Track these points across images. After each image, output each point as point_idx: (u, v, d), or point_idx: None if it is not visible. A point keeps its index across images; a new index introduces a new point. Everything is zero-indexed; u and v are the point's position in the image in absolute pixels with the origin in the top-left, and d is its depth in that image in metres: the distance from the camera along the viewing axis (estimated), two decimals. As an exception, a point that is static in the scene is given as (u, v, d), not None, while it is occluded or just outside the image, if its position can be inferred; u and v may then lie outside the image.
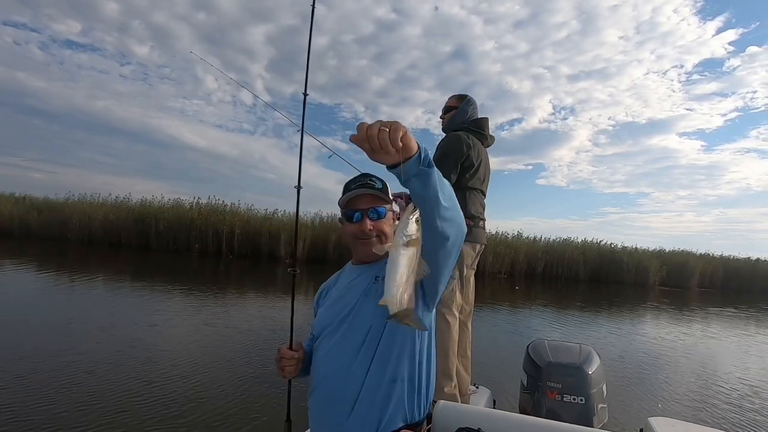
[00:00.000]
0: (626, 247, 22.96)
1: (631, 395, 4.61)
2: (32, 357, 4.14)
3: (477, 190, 2.42)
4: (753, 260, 25.50)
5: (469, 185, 2.37)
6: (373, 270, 1.19)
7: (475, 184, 2.40)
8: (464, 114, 2.49)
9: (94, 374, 3.84)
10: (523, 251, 20.10)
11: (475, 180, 2.39)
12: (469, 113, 2.50)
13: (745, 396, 4.94)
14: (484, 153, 2.49)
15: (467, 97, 2.53)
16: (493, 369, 4.99)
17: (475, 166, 2.38)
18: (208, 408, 3.37)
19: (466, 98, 2.53)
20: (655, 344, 7.51)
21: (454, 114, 2.51)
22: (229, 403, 3.50)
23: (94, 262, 12.92)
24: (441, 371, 2.23)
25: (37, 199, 20.95)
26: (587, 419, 2.07)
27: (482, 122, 2.52)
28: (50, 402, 3.23)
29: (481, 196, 2.47)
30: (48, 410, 3.09)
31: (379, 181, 1.22)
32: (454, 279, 2.30)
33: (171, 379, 3.87)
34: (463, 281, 2.39)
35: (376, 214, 1.19)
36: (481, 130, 2.49)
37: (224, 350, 5.01)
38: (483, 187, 2.47)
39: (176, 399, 3.46)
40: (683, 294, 19.21)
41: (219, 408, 3.39)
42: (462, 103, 2.51)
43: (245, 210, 18.67)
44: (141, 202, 19.27)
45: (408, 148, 0.74)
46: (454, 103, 2.54)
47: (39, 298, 7.06)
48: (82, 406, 3.21)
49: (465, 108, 2.50)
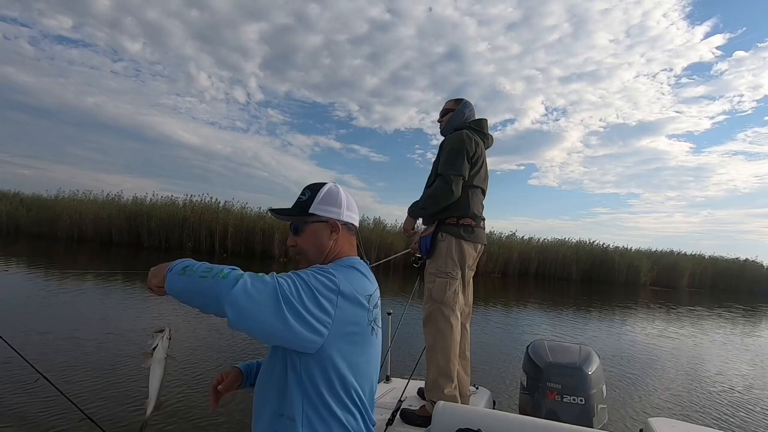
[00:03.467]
0: (618, 248, 23.23)
1: (631, 395, 4.64)
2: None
3: (479, 189, 2.41)
4: (741, 261, 25.94)
5: (473, 183, 2.36)
6: None
7: (478, 182, 2.39)
8: (461, 115, 2.51)
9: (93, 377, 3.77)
10: (517, 251, 20.21)
11: (478, 178, 2.38)
12: (466, 114, 2.52)
13: (745, 395, 4.99)
14: (485, 153, 2.49)
15: (464, 100, 2.57)
16: (486, 367, 4.99)
17: (479, 164, 2.37)
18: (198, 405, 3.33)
19: (463, 101, 2.56)
20: (654, 344, 7.58)
21: (451, 116, 2.53)
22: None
23: (84, 259, 12.74)
24: (441, 372, 2.22)
25: (26, 196, 20.64)
26: (587, 420, 2.06)
27: (482, 122, 2.54)
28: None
29: (481, 196, 2.46)
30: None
31: (308, 191, 1.15)
32: (456, 279, 2.28)
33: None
34: (465, 282, 2.37)
35: (294, 229, 1.16)
36: (482, 129, 2.50)
37: (218, 346, 4.96)
38: (484, 185, 2.46)
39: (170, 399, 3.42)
40: (674, 294, 19.45)
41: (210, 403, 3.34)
42: (459, 105, 2.54)
43: (239, 208, 18.58)
44: (133, 199, 19.06)
45: (161, 283, 0.92)
46: (452, 106, 2.56)
47: (31, 296, 6.94)
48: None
49: (462, 110, 2.52)
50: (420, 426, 2.11)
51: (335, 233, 1.13)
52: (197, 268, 0.90)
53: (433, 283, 2.31)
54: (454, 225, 2.31)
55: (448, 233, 2.32)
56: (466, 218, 2.32)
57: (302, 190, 1.18)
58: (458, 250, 2.29)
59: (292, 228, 1.16)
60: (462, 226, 2.31)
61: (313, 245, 1.12)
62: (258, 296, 0.84)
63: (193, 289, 0.88)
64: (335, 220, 1.13)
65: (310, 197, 1.14)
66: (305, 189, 1.17)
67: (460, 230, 2.30)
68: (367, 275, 1.09)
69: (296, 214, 1.14)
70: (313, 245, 1.12)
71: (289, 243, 1.17)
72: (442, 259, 2.30)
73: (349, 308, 0.96)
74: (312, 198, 1.13)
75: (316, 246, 1.12)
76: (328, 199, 1.14)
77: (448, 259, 2.29)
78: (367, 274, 1.09)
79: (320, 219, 1.12)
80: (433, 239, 2.35)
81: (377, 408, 2.25)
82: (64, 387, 3.25)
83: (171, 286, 0.91)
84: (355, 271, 1.06)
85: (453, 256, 2.29)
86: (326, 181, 1.19)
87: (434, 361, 2.25)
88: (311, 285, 0.91)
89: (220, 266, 0.90)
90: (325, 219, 1.12)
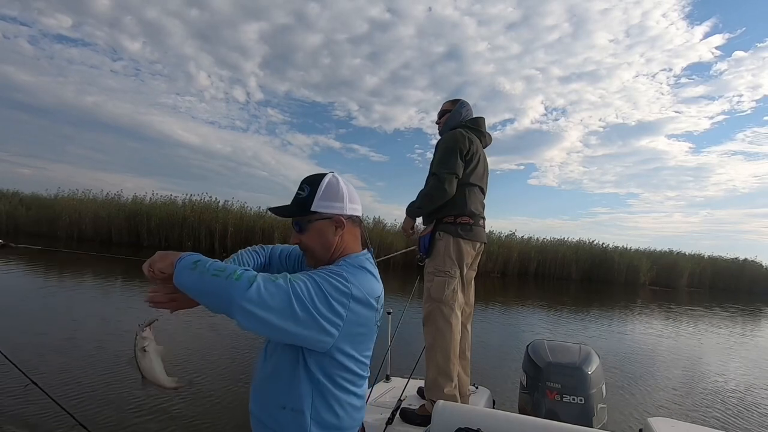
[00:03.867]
0: (617, 247, 23.22)
1: (631, 395, 4.64)
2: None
3: (476, 186, 2.41)
4: (741, 261, 25.94)
5: (470, 181, 2.36)
6: None
7: (475, 179, 2.39)
8: (458, 115, 2.53)
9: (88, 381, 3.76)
10: (516, 250, 20.21)
11: (475, 176, 2.39)
12: (463, 114, 2.54)
13: (744, 395, 4.99)
14: (482, 151, 2.50)
15: (461, 100, 2.59)
16: (486, 367, 4.99)
17: (474, 162, 2.38)
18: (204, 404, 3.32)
19: (460, 101, 2.59)
20: (654, 344, 7.59)
21: (448, 117, 2.56)
22: (218, 398, 3.44)
23: (84, 258, 12.72)
24: (441, 371, 2.22)
25: (25, 196, 20.60)
26: (587, 419, 2.06)
27: (479, 121, 2.56)
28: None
29: (480, 194, 2.46)
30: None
31: (307, 186, 1.10)
32: (454, 278, 2.28)
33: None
34: (464, 280, 2.37)
35: (297, 227, 1.12)
36: (478, 128, 2.51)
37: (218, 345, 4.95)
38: (482, 183, 2.47)
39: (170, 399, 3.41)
40: (673, 294, 19.46)
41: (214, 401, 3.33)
42: (456, 105, 2.56)
43: (238, 208, 18.57)
44: (132, 198, 19.03)
45: (167, 269, 0.93)
46: (449, 107, 2.59)
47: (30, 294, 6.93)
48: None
49: (459, 110, 2.55)
50: (420, 425, 2.11)
51: (340, 229, 1.10)
52: (209, 266, 0.89)
53: (432, 282, 2.31)
54: (452, 224, 2.32)
55: (445, 232, 2.32)
56: (463, 216, 2.32)
57: (300, 185, 1.12)
58: (456, 249, 2.30)
59: (296, 226, 1.12)
60: (460, 224, 2.31)
61: (318, 243, 1.10)
62: (271, 300, 0.85)
63: (204, 288, 0.87)
64: (339, 215, 1.09)
65: (310, 193, 1.09)
66: (303, 183, 1.12)
67: (457, 229, 2.31)
68: (376, 275, 1.09)
69: (298, 212, 1.10)
70: (319, 243, 1.10)
71: (293, 241, 1.14)
72: (440, 258, 2.31)
73: (360, 311, 0.98)
74: (312, 194, 1.09)
75: (322, 243, 1.10)
76: (330, 194, 1.09)
77: (446, 257, 2.29)
78: (376, 274, 1.10)
79: (324, 216, 1.09)
80: (432, 238, 2.36)
81: (377, 407, 2.26)
82: (59, 392, 3.22)
83: (180, 279, 0.90)
84: (366, 272, 1.05)
85: (451, 254, 2.29)
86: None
87: (434, 360, 2.25)
88: (324, 289, 0.92)
89: (233, 266, 0.89)
90: (328, 216, 1.09)
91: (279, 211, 1.14)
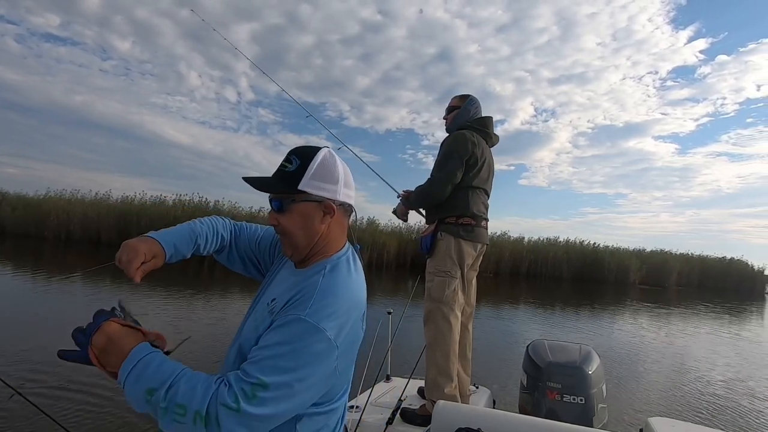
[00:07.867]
0: (608, 247, 23.52)
1: (631, 395, 4.66)
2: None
3: (480, 189, 2.39)
4: (728, 260, 26.43)
5: (473, 184, 2.35)
6: (288, 282, 0.94)
7: (479, 183, 2.37)
8: (467, 113, 2.48)
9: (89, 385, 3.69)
10: (509, 250, 20.34)
11: (479, 179, 2.37)
12: (471, 112, 2.49)
13: (745, 395, 5.04)
14: (488, 152, 2.47)
15: (470, 96, 2.52)
16: (486, 367, 4.99)
17: (478, 165, 2.35)
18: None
19: (469, 98, 2.51)
20: (654, 344, 7.67)
21: (456, 113, 2.50)
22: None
23: (72, 259, 12.51)
24: (441, 371, 2.21)
25: (10, 196, 20.20)
26: (587, 419, 2.06)
27: (486, 121, 2.51)
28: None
29: (484, 196, 2.44)
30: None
31: (297, 158, 0.91)
32: (455, 278, 2.26)
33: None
34: (465, 281, 2.36)
35: (276, 204, 0.92)
36: (485, 128, 2.47)
37: (212, 346, 4.90)
38: (486, 186, 2.45)
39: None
40: (664, 292, 19.73)
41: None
42: (465, 102, 2.50)
43: (229, 207, 18.46)
44: (122, 199, 18.81)
45: (114, 365, 0.79)
46: (457, 103, 2.53)
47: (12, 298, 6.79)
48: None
49: (468, 107, 2.49)
50: (420, 425, 2.10)
51: (329, 216, 0.92)
52: (168, 400, 0.72)
53: (432, 282, 2.30)
54: (454, 224, 2.30)
55: (447, 232, 2.30)
56: (465, 217, 2.31)
57: (288, 155, 0.93)
58: (457, 250, 2.28)
59: (274, 204, 0.93)
60: (461, 225, 2.30)
61: (301, 228, 0.91)
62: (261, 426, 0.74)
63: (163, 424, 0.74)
64: (330, 200, 0.92)
65: (299, 168, 0.90)
66: (292, 155, 0.92)
67: (459, 229, 2.29)
68: (361, 278, 0.95)
69: (281, 187, 0.91)
70: (302, 228, 0.91)
71: (270, 221, 0.95)
72: (441, 258, 2.29)
73: (348, 350, 0.85)
74: (302, 169, 0.90)
75: (305, 230, 0.92)
76: (323, 173, 0.91)
77: (446, 258, 2.28)
78: (361, 276, 0.96)
79: (312, 198, 0.90)
80: (433, 238, 2.34)
81: (377, 407, 2.24)
82: (48, 402, 3.10)
83: (129, 397, 0.75)
84: (351, 292, 0.88)
85: (452, 255, 2.28)
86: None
87: (434, 360, 2.24)
88: (307, 381, 0.76)
89: (197, 399, 0.71)
90: (318, 198, 0.91)
91: (257, 182, 0.93)
